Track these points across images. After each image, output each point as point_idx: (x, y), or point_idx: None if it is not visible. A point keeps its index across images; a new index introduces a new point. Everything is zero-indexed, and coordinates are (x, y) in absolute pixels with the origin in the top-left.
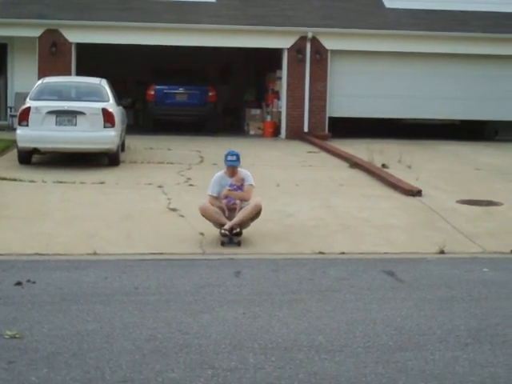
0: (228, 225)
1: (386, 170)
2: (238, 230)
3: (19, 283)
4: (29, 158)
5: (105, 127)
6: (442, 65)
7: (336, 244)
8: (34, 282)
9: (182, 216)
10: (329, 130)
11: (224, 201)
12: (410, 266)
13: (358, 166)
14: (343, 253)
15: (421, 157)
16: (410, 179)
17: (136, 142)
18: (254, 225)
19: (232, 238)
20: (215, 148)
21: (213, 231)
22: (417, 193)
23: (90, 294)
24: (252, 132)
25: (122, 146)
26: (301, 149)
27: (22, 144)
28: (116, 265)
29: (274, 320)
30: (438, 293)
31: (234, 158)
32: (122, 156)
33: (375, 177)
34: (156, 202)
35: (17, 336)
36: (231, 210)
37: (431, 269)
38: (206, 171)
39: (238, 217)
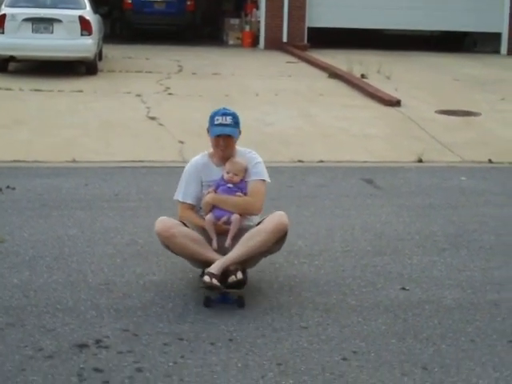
0: (218, 265)
1: (365, 80)
2: (240, 276)
3: None
4: (5, 65)
5: (82, 35)
6: None
7: (315, 152)
8: (14, 188)
9: (162, 124)
10: (308, 41)
11: (209, 216)
12: (388, 174)
13: (337, 77)
14: (322, 161)
15: (400, 68)
16: (389, 89)
17: (113, 52)
18: None
19: (226, 292)
20: (194, 57)
21: (194, 139)
22: (396, 103)
23: (70, 200)
24: (231, 42)
25: (100, 55)
26: (280, 59)
27: None
28: (95, 172)
29: None
30: (416, 200)
31: (229, 119)
32: (100, 65)
33: (354, 87)
34: (135, 110)
35: None
36: (222, 233)
37: (410, 177)
38: (185, 80)
39: (239, 249)
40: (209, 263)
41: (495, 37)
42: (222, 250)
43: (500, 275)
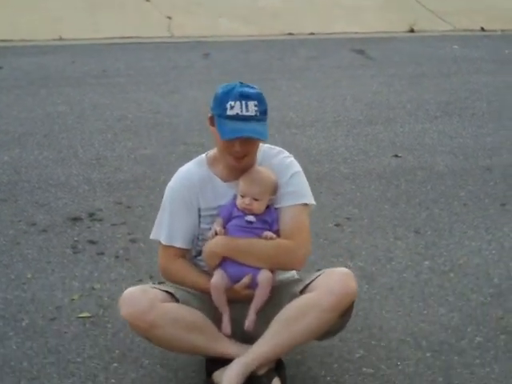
0: (238, 370)
1: None
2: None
3: None
4: None
5: None
6: None
7: (305, 25)
8: (1, 68)
9: (148, 0)
10: None
11: (218, 277)
12: (380, 44)
13: None
14: (312, 33)
15: None
16: None
17: None
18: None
19: None
20: None
21: (182, 15)
22: None
23: (58, 77)
24: None
25: None
26: None
27: None
28: (83, 49)
29: None
30: (408, 69)
31: (252, 106)
32: None
33: None
34: None
35: None
36: (239, 300)
37: (401, 47)
38: None
39: (273, 340)
40: (220, 360)
41: None
42: (239, 330)
43: (492, 141)
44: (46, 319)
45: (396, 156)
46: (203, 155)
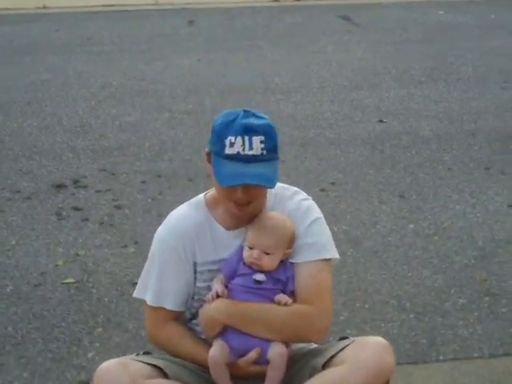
0: None
1: None
2: None
3: None
4: None
5: None
6: None
7: None
8: None
9: None
10: None
11: (217, 349)
12: (366, 10)
13: None
14: (298, 0)
15: None
16: None
17: None
18: None
19: None
20: None
21: None
22: None
23: (42, 46)
24: None
25: None
26: None
27: None
28: (67, 17)
29: (229, 65)
30: (393, 36)
31: (257, 142)
32: None
33: None
34: None
35: None
36: (245, 376)
37: (387, 13)
38: None
39: None
40: None
41: None
42: None
43: (477, 105)
44: (31, 285)
45: (381, 121)
46: (201, 196)
